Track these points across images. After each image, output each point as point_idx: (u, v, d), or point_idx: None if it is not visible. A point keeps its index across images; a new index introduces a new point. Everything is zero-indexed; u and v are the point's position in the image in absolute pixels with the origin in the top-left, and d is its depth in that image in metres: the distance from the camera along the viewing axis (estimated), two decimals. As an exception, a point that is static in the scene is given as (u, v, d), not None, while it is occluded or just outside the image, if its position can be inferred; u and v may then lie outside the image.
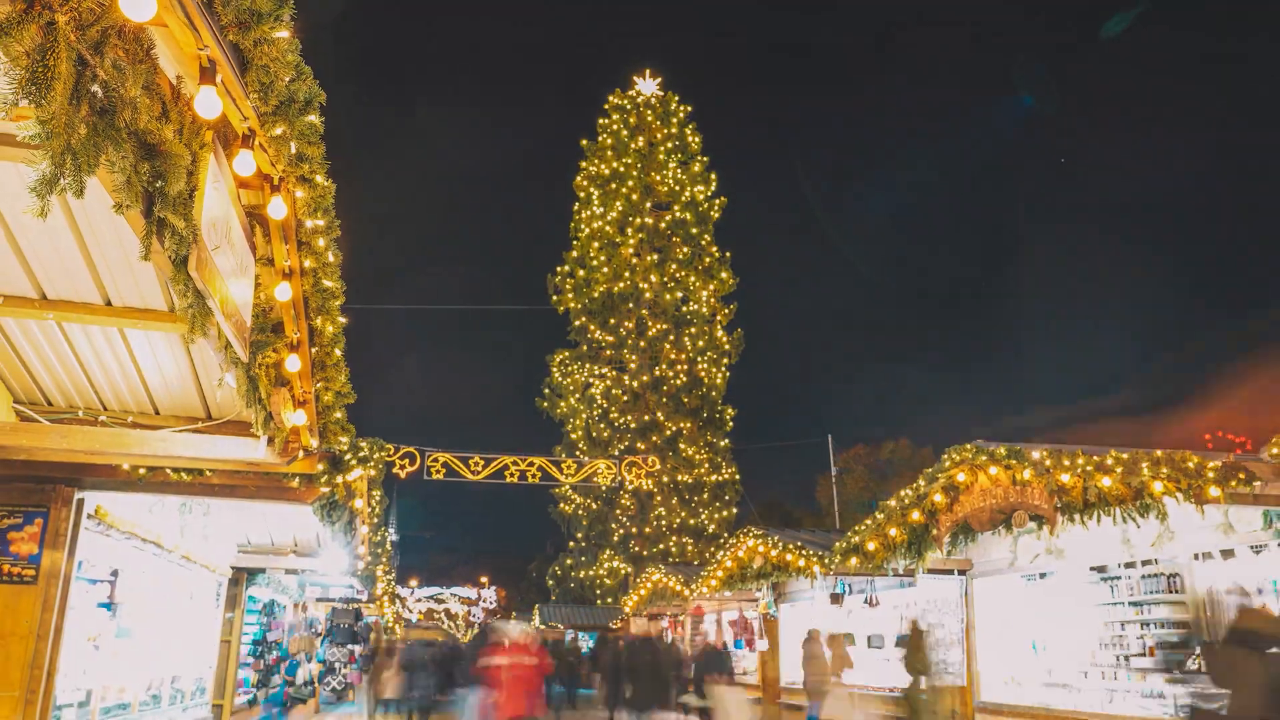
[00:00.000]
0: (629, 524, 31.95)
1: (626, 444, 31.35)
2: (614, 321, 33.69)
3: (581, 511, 33.18)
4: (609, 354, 33.73)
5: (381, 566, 16.16)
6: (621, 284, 33.77)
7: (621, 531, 31.96)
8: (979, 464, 9.36)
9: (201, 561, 10.25)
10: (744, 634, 17.99)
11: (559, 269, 34.95)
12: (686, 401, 32.57)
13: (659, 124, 36.24)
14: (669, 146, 36.00)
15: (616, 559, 31.51)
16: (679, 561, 28.78)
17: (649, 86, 36.92)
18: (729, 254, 35.23)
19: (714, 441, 32.89)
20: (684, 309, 34.08)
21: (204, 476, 6.77)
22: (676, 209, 35.12)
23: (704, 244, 35.06)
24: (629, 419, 32.29)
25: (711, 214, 35.66)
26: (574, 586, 32.90)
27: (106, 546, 7.64)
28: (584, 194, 35.89)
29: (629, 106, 36.45)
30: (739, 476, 33.16)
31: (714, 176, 36.02)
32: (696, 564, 24.61)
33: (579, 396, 33.66)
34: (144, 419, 6.83)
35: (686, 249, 34.68)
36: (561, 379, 34.02)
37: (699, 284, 34.49)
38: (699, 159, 36.13)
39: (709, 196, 35.71)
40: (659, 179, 35.47)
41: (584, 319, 34.00)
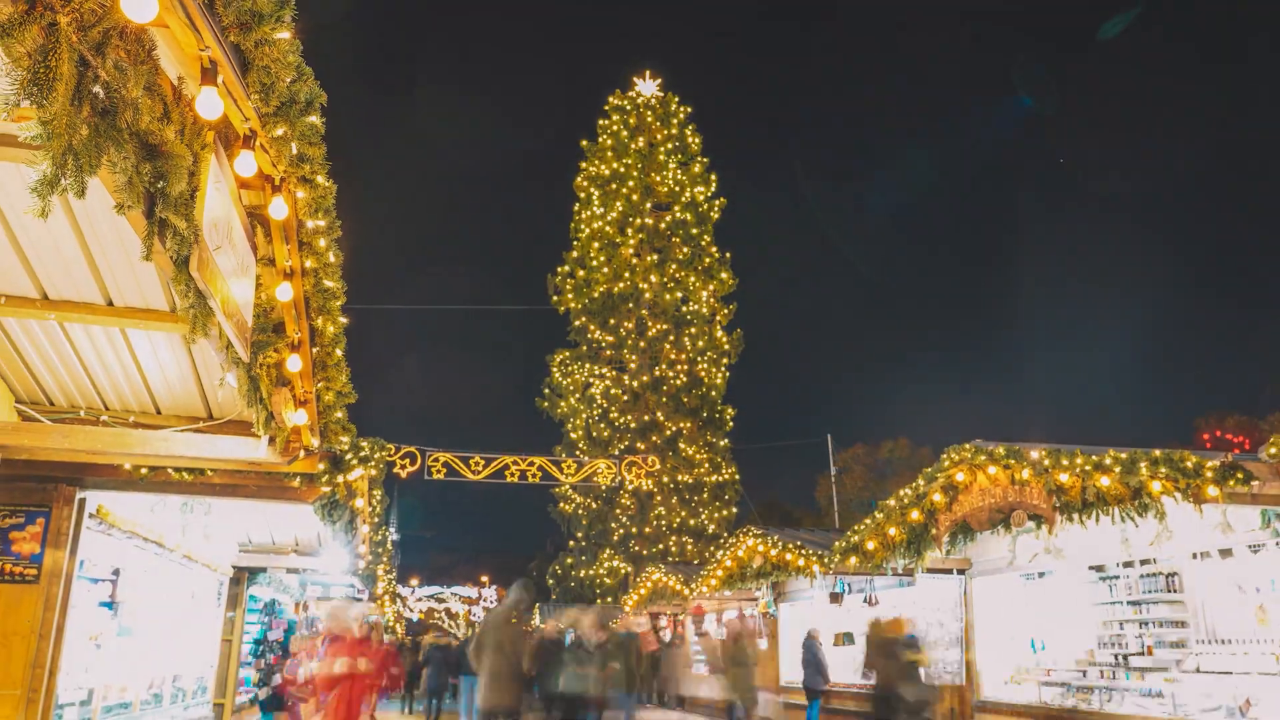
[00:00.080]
0: (629, 523, 31.94)
1: (626, 444, 31.33)
2: (614, 321, 33.67)
3: (581, 511, 33.17)
4: (609, 354, 33.71)
5: (382, 566, 16.17)
6: (621, 284, 33.76)
7: (621, 531, 31.96)
8: (978, 464, 9.37)
9: (203, 561, 10.27)
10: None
11: (559, 269, 34.93)
12: (686, 401, 32.56)
13: (659, 125, 36.22)
14: (669, 147, 35.97)
15: (616, 558, 31.52)
16: (679, 561, 28.79)
17: (649, 87, 36.90)
18: (729, 254, 35.23)
19: (714, 441, 32.87)
20: (684, 309, 34.06)
21: (205, 476, 6.80)
22: (676, 209, 35.10)
23: (704, 244, 35.03)
24: (629, 419, 32.29)
25: (711, 214, 35.64)
26: (574, 586, 32.89)
27: (108, 546, 7.65)
28: (584, 194, 35.87)
29: (629, 107, 36.43)
30: (739, 476, 33.17)
31: (714, 177, 36.00)
32: (696, 563, 24.62)
33: (579, 396, 33.65)
34: (146, 419, 6.85)
35: (686, 249, 34.66)
36: (561, 379, 34.00)
37: (699, 284, 34.48)
38: (699, 160, 36.10)
39: (709, 197, 35.68)
40: (659, 179, 35.45)
41: (584, 319, 33.99)
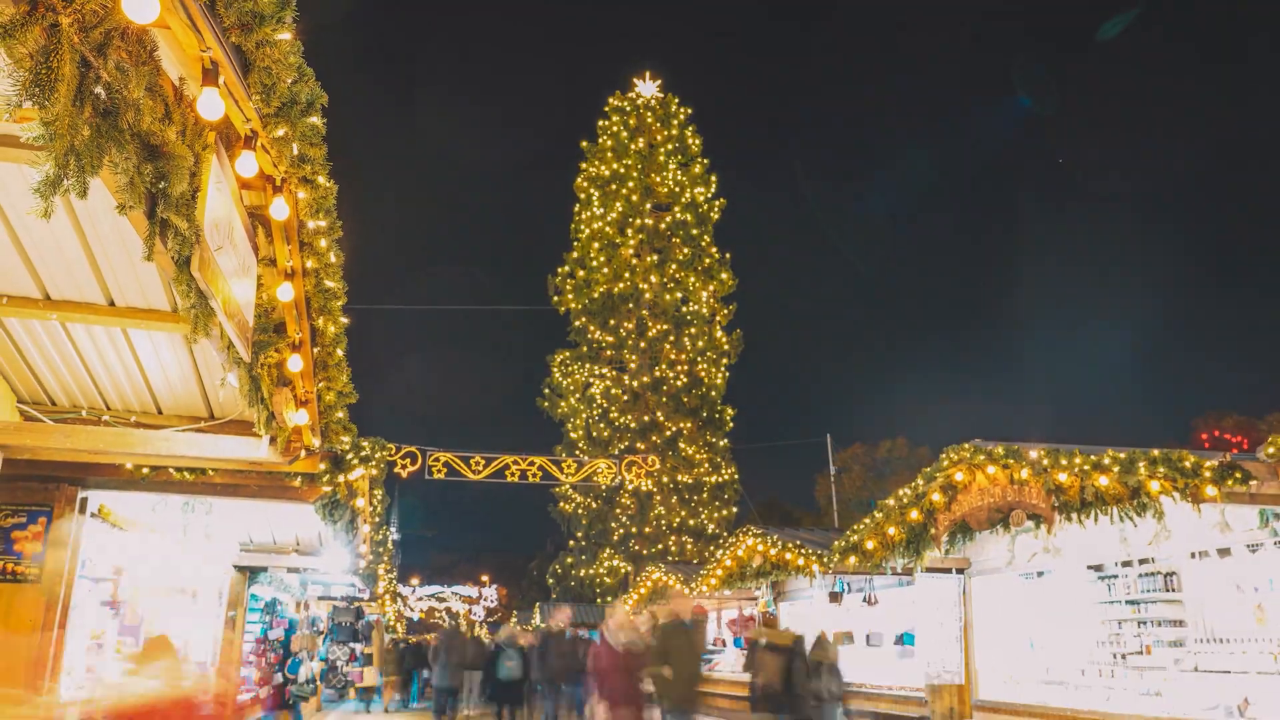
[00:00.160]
0: (629, 523, 31.96)
1: (626, 444, 31.35)
2: (614, 322, 33.69)
3: (582, 510, 33.19)
4: (609, 354, 33.73)
5: (383, 565, 16.18)
6: (621, 285, 33.78)
7: (621, 531, 31.97)
8: (977, 463, 9.38)
9: (204, 560, 10.29)
10: (744, 632, 18.05)
11: (559, 270, 34.97)
12: (686, 401, 32.58)
13: (659, 126, 36.23)
14: (669, 148, 35.99)
15: (616, 558, 31.53)
16: (679, 560, 28.80)
17: (649, 89, 36.91)
18: (729, 255, 35.27)
19: (714, 441, 32.89)
20: (684, 309, 34.08)
21: (206, 476, 6.81)
22: (676, 210, 35.11)
23: (704, 245, 35.06)
24: (629, 419, 32.31)
25: (711, 215, 35.66)
26: (574, 585, 32.91)
27: (110, 545, 7.67)
28: (584, 195, 35.89)
29: (629, 108, 36.44)
30: (738, 476, 33.20)
31: (714, 178, 36.03)
32: (696, 563, 24.63)
33: (579, 396, 33.67)
34: (147, 418, 6.86)
35: (686, 250, 34.68)
36: (562, 379, 34.02)
37: (699, 285, 34.50)
38: (699, 161, 36.11)
39: (709, 198, 35.70)
40: (659, 180, 35.47)
41: (584, 319, 34.01)
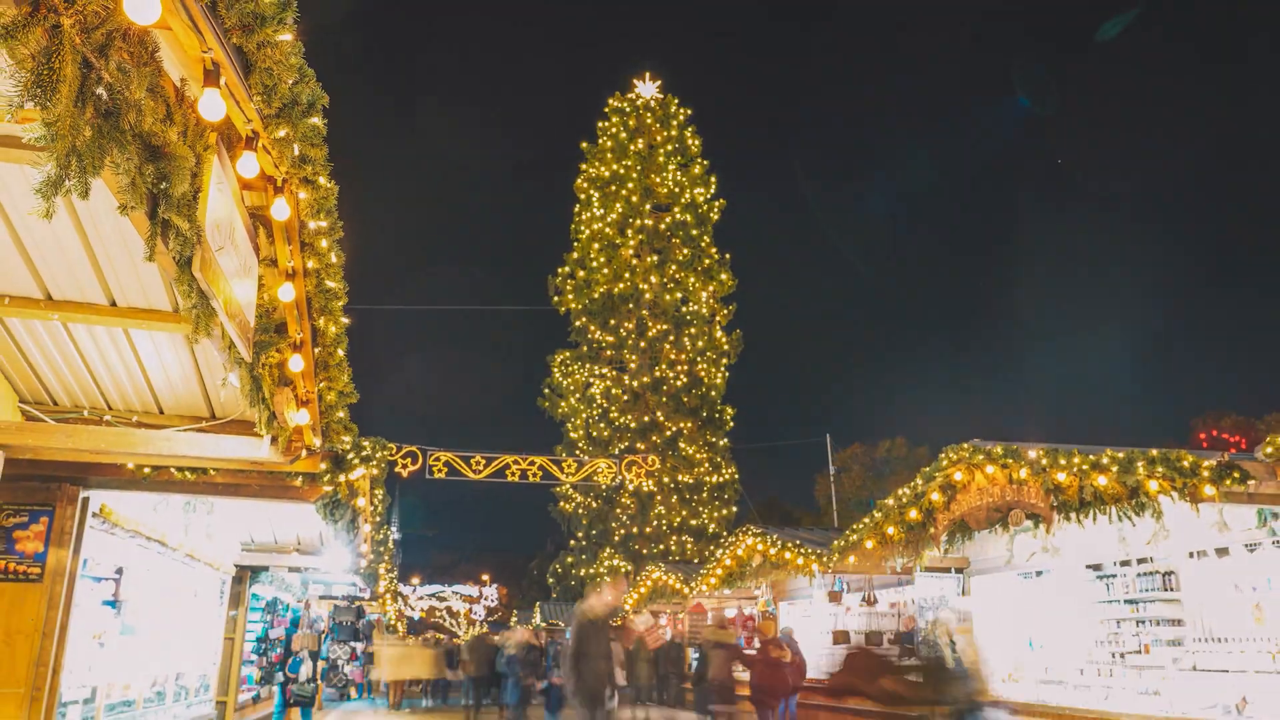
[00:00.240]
0: (629, 523, 31.98)
1: (626, 444, 31.37)
2: (614, 322, 33.70)
3: (582, 510, 33.21)
4: (609, 354, 33.75)
5: (384, 564, 16.19)
6: (621, 285, 33.79)
7: (622, 530, 31.99)
8: (976, 463, 9.38)
9: (205, 559, 10.31)
10: (743, 631, 18.07)
11: (559, 270, 34.98)
12: (686, 401, 32.59)
13: (659, 127, 36.24)
14: (669, 149, 35.99)
15: (617, 557, 31.53)
16: (679, 560, 28.82)
17: (649, 89, 36.91)
18: (728, 255, 35.27)
19: (714, 441, 32.90)
20: (684, 310, 34.09)
21: (208, 475, 6.83)
22: (676, 211, 35.12)
23: (704, 245, 35.06)
24: (629, 419, 32.32)
25: (711, 216, 35.66)
26: (574, 584, 32.93)
27: (111, 544, 7.69)
28: (584, 196, 35.90)
29: (628, 109, 36.44)
30: (738, 476, 33.21)
31: (714, 179, 36.03)
32: (696, 562, 24.64)
33: (579, 396, 33.68)
34: (149, 418, 6.88)
35: (686, 250, 34.69)
36: (562, 379, 34.04)
37: (699, 285, 34.51)
38: (699, 161, 36.11)
39: (709, 198, 35.70)
40: (659, 181, 35.47)
41: (584, 319, 34.02)
